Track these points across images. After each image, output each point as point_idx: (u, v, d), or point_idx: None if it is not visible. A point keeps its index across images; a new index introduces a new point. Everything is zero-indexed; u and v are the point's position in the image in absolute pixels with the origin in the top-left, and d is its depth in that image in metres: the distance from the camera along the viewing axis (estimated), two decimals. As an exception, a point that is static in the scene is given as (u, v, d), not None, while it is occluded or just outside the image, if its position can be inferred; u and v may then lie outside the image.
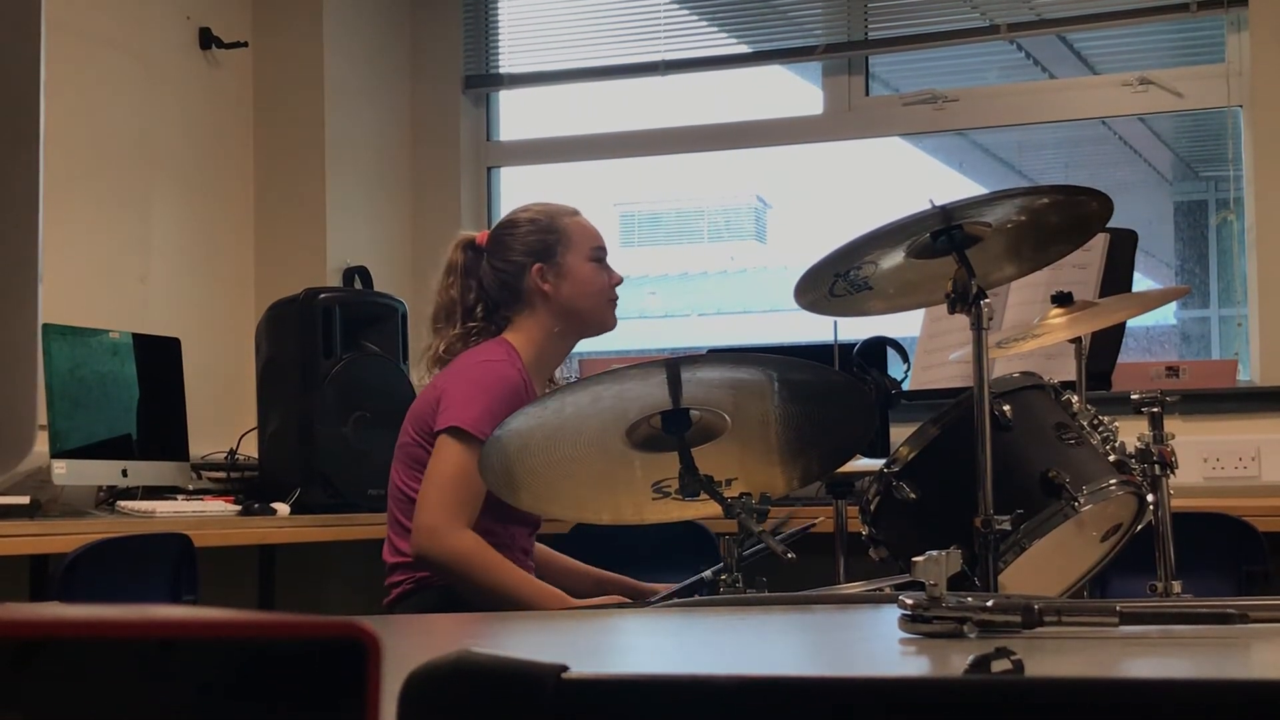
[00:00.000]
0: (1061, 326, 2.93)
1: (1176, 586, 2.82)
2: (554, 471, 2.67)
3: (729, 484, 2.54)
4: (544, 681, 0.67)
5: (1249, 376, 4.73)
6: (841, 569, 3.18)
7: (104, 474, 4.12)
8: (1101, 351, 3.90)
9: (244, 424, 4.70)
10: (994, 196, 2.53)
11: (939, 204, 2.39)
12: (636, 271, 6.68)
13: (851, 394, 2.68)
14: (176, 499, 4.23)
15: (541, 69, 5.62)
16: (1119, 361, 4.17)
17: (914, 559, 1.43)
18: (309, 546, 4.49)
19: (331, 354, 4.38)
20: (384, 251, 5.38)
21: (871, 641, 1.52)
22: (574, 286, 3.14)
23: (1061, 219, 2.56)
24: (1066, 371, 3.08)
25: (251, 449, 4.65)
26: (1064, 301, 2.94)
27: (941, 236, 2.43)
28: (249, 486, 4.59)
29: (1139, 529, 2.77)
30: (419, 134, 5.57)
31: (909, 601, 1.38)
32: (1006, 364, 3.54)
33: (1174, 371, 4.53)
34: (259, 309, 4.69)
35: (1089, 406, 2.75)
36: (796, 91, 5.54)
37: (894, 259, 2.51)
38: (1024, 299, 3.76)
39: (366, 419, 4.36)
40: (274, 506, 4.17)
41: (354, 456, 4.34)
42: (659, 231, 7.21)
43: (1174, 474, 2.81)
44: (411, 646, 1.46)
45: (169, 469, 4.32)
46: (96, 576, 3.33)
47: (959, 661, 1.18)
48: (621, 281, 3.21)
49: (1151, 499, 2.73)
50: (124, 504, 4.02)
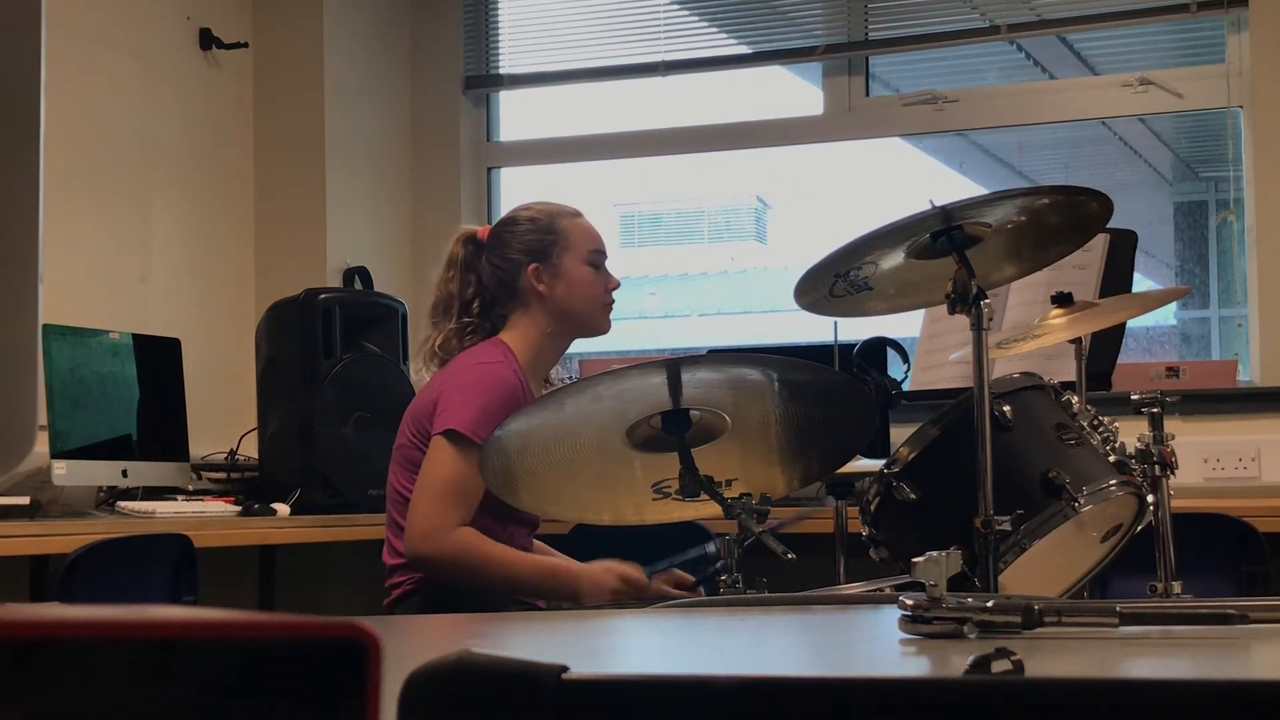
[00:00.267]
0: (1061, 327, 2.93)
1: (1176, 587, 2.82)
2: (554, 472, 2.67)
3: (729, 484, 2.54)
4: (544, 682, 0.67)
5: (1249, 377, 4.73)
6: (842, 569, 3.18)
7: (104, 474, 4.12)
8: (1101, 352, 3.90)
9: (244, 424, 4.70)
10: (994, 197, 2.53)
11: (939, 204, 2.39)
12: (637, 272, 6.68)
13: (852, 394, 2.68)
14: (176, 499, 4.23)
15: (542, 69, 5.62)
16: (1119, 362, 4.17)
17: (914, 559, 1.43)
18: (309, 547, 4.49)
19: (331, 354, 4.39)
20: (384, 252, 5.38)
21: (871, 642, 1.52)
22: (569, 289, 3.14)
23: (1061, 219, 2.56)
24: (1066, 372, 3.08)
25: (251, 449, 4.65)
26: (1064, 302, 2.94)
27: (941, 237, 2.43)
28: (249, 487, 4.59)
29: (1139, 529, 2.77)
30: (419, 134, 5.57)
31: (909, 602, 1.38)
32: (1006, 364, 3.54)
33: (1174, 372, 4.53)
34: (259, 309, 4.69)
35: (1089, 407, 2.75)
36: (797, 92, 5.54)
37: (894, 259, 2.52)
38: (1024, 299, 3.76)
39: (367, 419, 4.37)
40: (274, 507, 4.17)
41: (354, 457, 4.34)
42: (659, 232, 7.21)
43: (1174, 474, 2.81)
44: (412, 647, 1.46)
45: (169, 469, 4.32)
46: (97, 577, 3.33)
47: (959, 662, 1.18)
48: (618, 286, 3.21)
49: (1151, 499, 2.73)
50: (124, 504, 4.02)
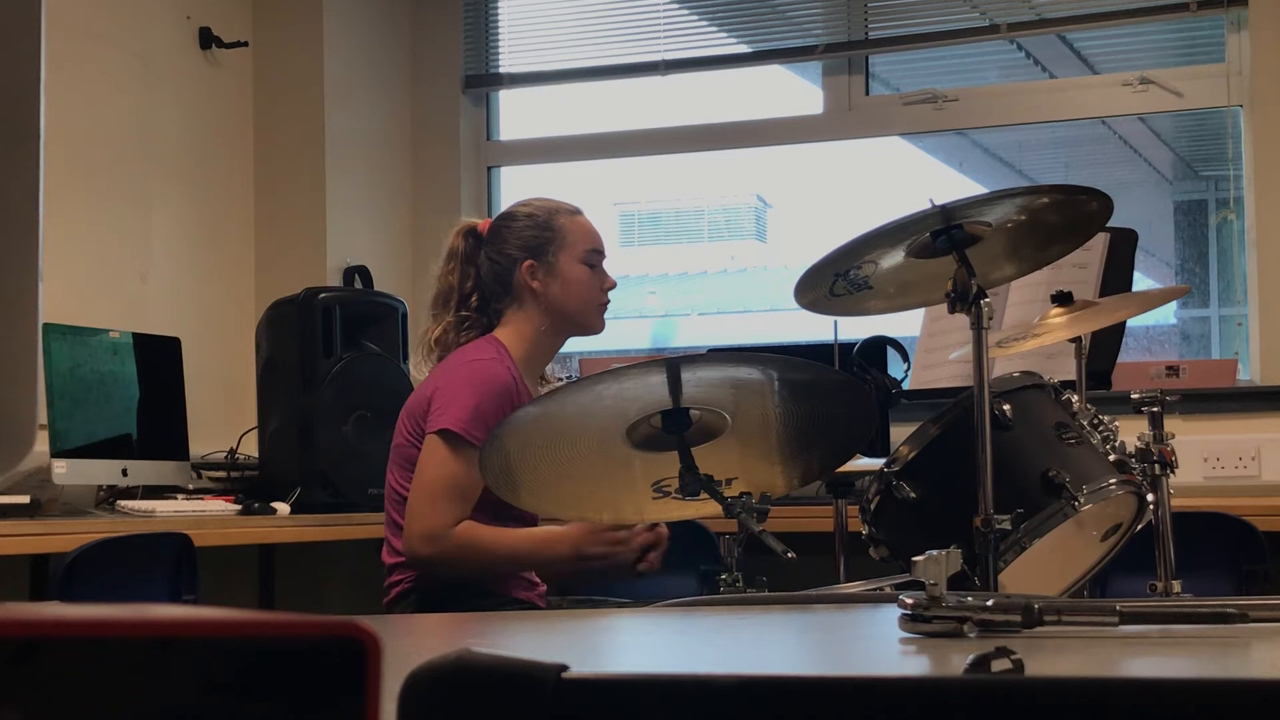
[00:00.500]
0: (1061, 326, 2.93)
1: (1176, 586, 2.82)
2: (554, 470, 2.67)
3: (729, 483, 2.54)
4: (544, 681, 0.67)
5: (1249, 376, 4.73)
6: (841, 568, 3.18)
7: (104, 473, 4.12)
8: (1101, 351, 3.90)
9: (244, 423, 4.70)
10: (994, 196, 2.53)
11: (939, 203, 2.39)
12: (636, 271, 6.68)
13: (852, 393, 2.68)
14: (176, 498, 4.23)
15: (541, 68, 5.62)
16: (1119, 361, 4.17)
17: (914, 558, 1.43)
18: (309, 546, 4.49)
19: (331, 353, 4.39)
20: (384, 251, 5.38)
21: (871, 641, 1.52)
22: (563, 287, 3.14)
23: (1061, 218, 2.56)
24: (1066, 371, 3.08)
25: (251, 448, 4.65)
26: (1064, 301, 2.94)
27: (941, 236, 2.43)
28: (249, 486, 4.59)
29: (1139, 528, 2.77)
30: (419, 133, 5.57)
31: (909, 601, 1.38)
32: (1006, 363, 3.54)
33: (1174, 371, 4.53)
34: (259, 308, 4.69)
35: (1089, 406, 2.74)
36: (796, 91, 5.54)
37: (894, 258, 2.51)
38: (1024, 298, 3.76)
39: (366, 418, 4.37)
40: (274, 506, 4.17)
41: (354, 456, 4.34)
42: (659, 231, 7.20)
43: (1174, 473, 2.81)
44: (411, 646, 1.47)
45: (169, 468, 4.32)
46: (96, 576, 3.32)
47: (959, 661, 1.18)
48: (614, 286, 3.20)
49: (1151, 498, 2.73)
50: (124, 503, 4.02)
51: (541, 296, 3.14)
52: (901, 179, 5.74)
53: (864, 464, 3.05)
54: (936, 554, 1.40)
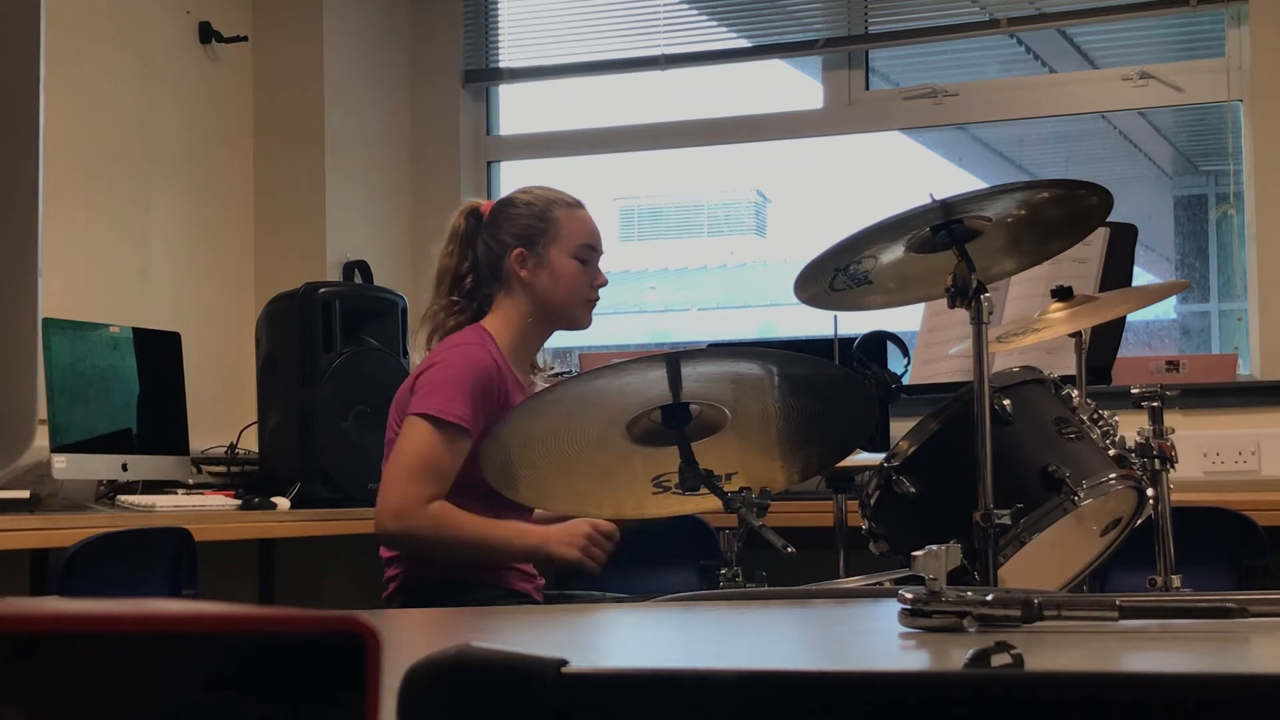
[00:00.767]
0: (1061, 321, 2.92)
1: (1176, 581, 2.82)
2: (554, 465, 2.67)
3: (729, 478, 2.54)
4: (544, 676, 0.67)
5: (1249, 371, 4.73)
6: (841, 563, 3.18)
7: (104, 468, 4.12)
8: (1101, 346, 3.89)
9: (244, 418, 4.70)
10: (994, 191, 2.53)
11: (939, 198, 2.39)
12: (636, 266, 6.68)
13: (852, 388, 2.68)
14: (177, 493, 4.23)
15: (541, 63, 5.62)
16: (1119, 356, 4.16)
17: (914, 553, 1.43)
18: (309, 541, 4.49)
19: (331, 348, 4.39)
20: (384, 246, 5.38)
21: (871, 636, 1.52)
22: (551, 280, 3.13)
23: (1061, 213, 2.56)
24: (1066, 366, 3.08)
25: (251, 443, 4.65)
26: (1064, 296, 2.93)
27: (941, 231, 2.43)
28: (249, 480, 4.59)
29: (1139, 523, 2.77)
30: (419, 128, 5.57)
31: (909, 596, 1.38)
32: (1006, 358, 3.54)
33: (1174, 366, 4.53)
34: (259, 303, 4.69)
35: (1089, 401, 2.74)
36: (796, 86, 5.54)
37: (894, 253, 2.52)
38: (1024, 293, 3.76)
39: (366, 413, 4.36)
40: (274, 501, 4.16)
41: (354, 450, 4.34)
42: (658, 226, 7.20)
43: (1174, 468, 2.81)
44: (411, 641, 1.47)
45: (169, 463, 4.32)
46: (96, 571, 3.32)
47: (959, 656, 1.18)
48: (604, 284, 3.19)
49: (1151, 493, 2.73)
50: (124, 498, 4.02)
51: (529, 286, 3.13)
52: (901, 174, 5.74)
53: (864, 459, 3.05)
54: (936, 549, 1.40)
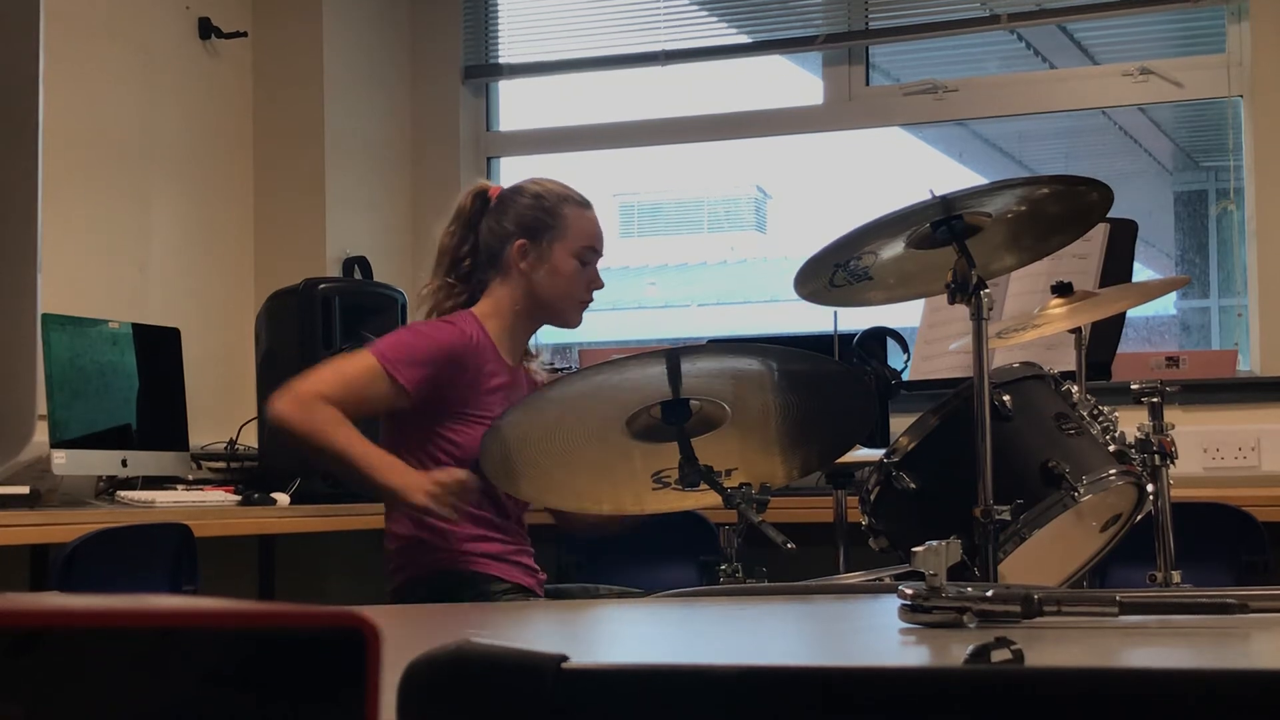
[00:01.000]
0: (1061, 316, 2.92)
1: (1176, 576, 2.82)
2: (554, 461, 2.67)
3: (729, 474, 2.54)
4: (544, 671, 0.67)
5: (1249, 366, 4.73)
6: (841, 559, 3.18)
7: (104, 464, 4.12)
8: (1101, 341, 3.89)
9: (244, 414, 4.70)
10: (994, 187, 2.53)
11: (939, 194, 2.39)
12: (636, 262, 6.67)
13: (851, 384, 2.68)
14: (176, 489, 4.23)
15: (541, 59, 5.62)
16: (1119, 351, 4.16)
17: (914, 549, 1.43)
18: (309, 536, 4.49)
19: (331, 344, 4.38)
20: (383, 242, 5.38)
21: (871, 632, 1.52)
22: (549, 275, 3.12)
23: (1061, 209, 2.56)
24: (1066, 361, 3.08)
25: (251, 439, 4.65)
26: (1064, 291, 2.93)
27: (941, 227, 2.43)
28: (249, 476, 4.59)
29: (1139, 519, 2.77)
30: (419, 124, 5.56)
31: (909, 591, 1.38)
32: (1006, 354, 3.54)
33: (1174, 361, 4.53)
34: (259, 299, 4.69)
35: (1089, 396, 2.74)
36: (797, 81, 5.54)
37: (894, 249, 2.52)
38: (1024, 289, 3.76)
39: (366, 409, 4.36)
40: (274, 496, 4.17)
41: (354, 447, 4.33)
42: (659, 222, 7.19)
43: (1174, 464, 2.81)
44: (411, 636, 1.47)
45: (169, 459, 4.32)
46: (96, 566, 3.32)
47: (959, 651, 1.18)
48: (601, 287, 3.18)
49: (1151, 489, 2.73)
50: (124, 494, 4.02)
51: (526, 278, 3.12)
52: (901, 170, 5.73)
53: (864, 455, 3.05)
54: (936, 545, 1.40)
